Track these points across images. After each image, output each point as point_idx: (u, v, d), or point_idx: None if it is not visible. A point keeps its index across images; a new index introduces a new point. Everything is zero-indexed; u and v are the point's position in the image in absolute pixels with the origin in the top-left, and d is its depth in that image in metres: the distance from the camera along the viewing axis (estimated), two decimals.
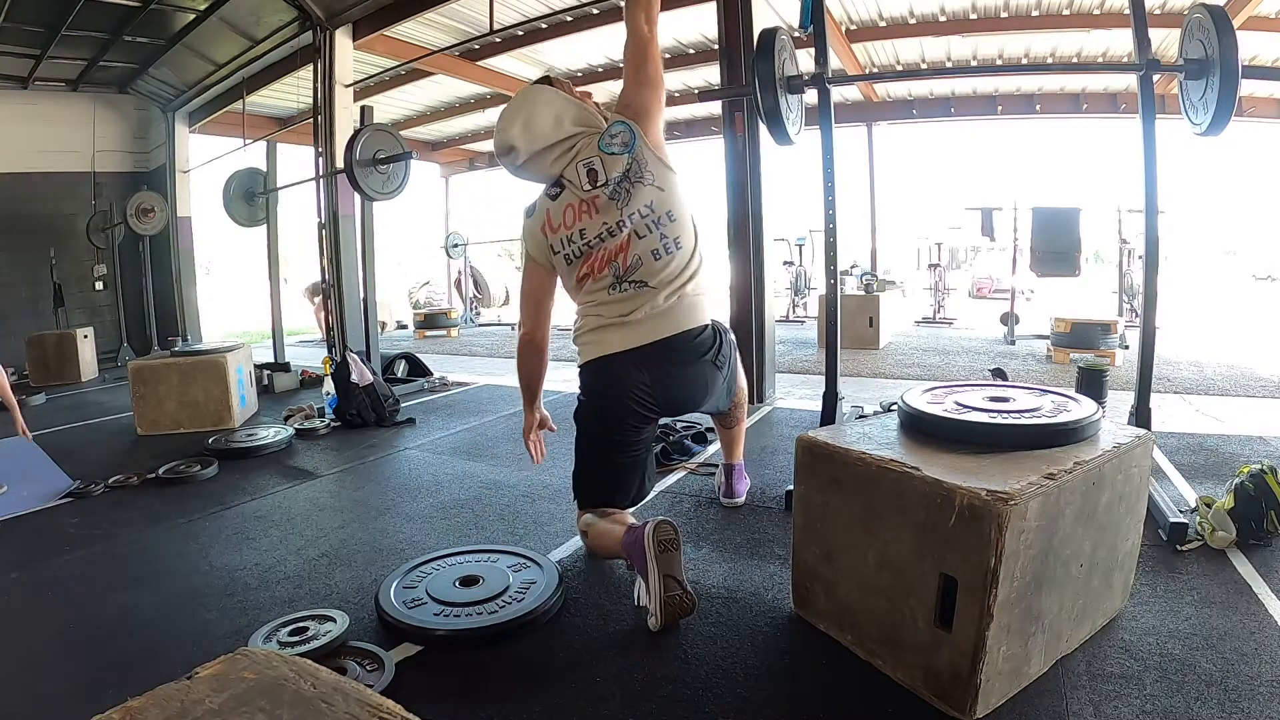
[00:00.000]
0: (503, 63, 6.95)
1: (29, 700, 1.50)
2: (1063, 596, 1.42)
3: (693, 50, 6.93)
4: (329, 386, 4.14)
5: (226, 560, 2.19)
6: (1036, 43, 6.54)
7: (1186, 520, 2.08)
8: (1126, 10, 3.05)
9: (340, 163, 4.76)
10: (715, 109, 7.36)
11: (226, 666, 0.82)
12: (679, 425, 3.27)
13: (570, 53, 6.91)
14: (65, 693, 1.51)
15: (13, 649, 1.72)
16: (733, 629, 1.68)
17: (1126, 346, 5.98)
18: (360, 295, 5.37)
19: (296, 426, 3.85)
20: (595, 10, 5.36)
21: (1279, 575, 1.84)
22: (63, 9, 5.22)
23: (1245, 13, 4.86)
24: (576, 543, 2.17)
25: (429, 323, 9.72)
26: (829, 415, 2.64)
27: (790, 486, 2.12)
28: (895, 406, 1.76)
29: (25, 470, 3.26)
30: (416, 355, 5.76)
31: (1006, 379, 4.02)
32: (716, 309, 2.02)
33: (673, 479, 2.82)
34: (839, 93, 6.03)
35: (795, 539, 1.70)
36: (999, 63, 7.01)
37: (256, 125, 7.62)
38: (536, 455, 2.16)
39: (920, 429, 1.62)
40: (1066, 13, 5.80)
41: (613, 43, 5.99)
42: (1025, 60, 6.93)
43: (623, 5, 1.91)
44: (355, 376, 4.00)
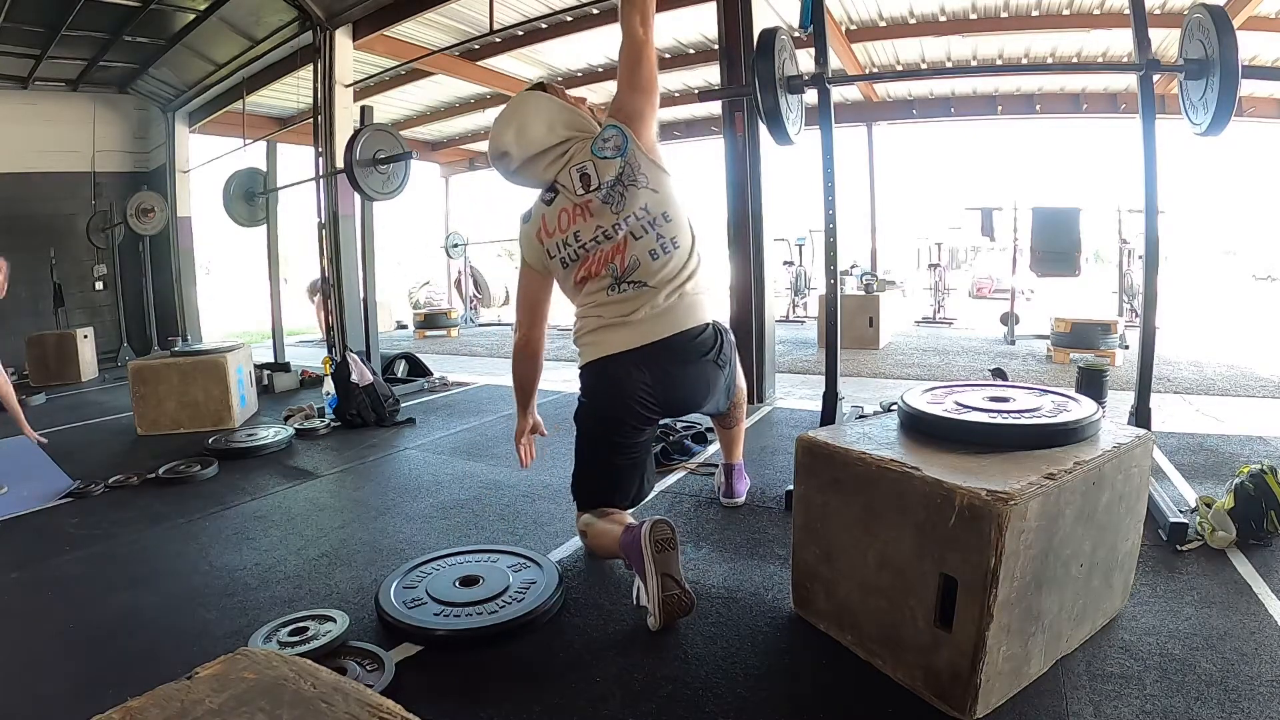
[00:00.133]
0: (503, 63, 6.96)
1: (29, 700, 1.50)
2: (1063, 596, 1.42)
3: (693, 50, 6.93)
4: (329, 386, 4.14)
5: (226, 560, 2.19)
6: (1036, 43, 6.54)
7: (1186, 520, 2.08)
8: (1126, 10, 3.05)
9: (340, 163, 4.76)
10: (715, 109, 7.37)
11: (226, 666, 0.82)
12: (679, 425, 3.27)
13: (570, 53, 6.91)
14: (65, 693, 1.51)
15: (13, 649, 1.72)
16: (733, 629, 1.68)
17: (1126, 346, 5.98)
18: (360, 295, 5.37)
19: (296, 426, 3.85)
20: (595, 10, 5.35)
21: (1279, 575, 1.84)
22: (63, 9, 5.22)
23: (1245, 13, 4.86)
24: (576, 543, 2.17)
25: (429, 323, 9.73)
26: (829, 415, 2.64)
27: (790, 486, 2.12)
28: (895, 406, 1.76)
29: (25, 470, 3.26)
30: (416, 355, 5.76)
31: (1006, 379, 4.01)
32: (716, 309, 2.02)
33: (673, 479, 2.82)
34: (839, 93, 6.03)
35: (795, 539, 1.70)
36: (999, 63, 7.01)
37: (256, 125, 7.62)
38: (525, 459, 2.17)
39: (920, 429, 1.62)
40: (1066, 13, 5.80)
41: (613, 43, 5.97)
42: (1025, 60, 6.93)
43: (619, 9, 1.91)
44: (355, 376, 4.00)
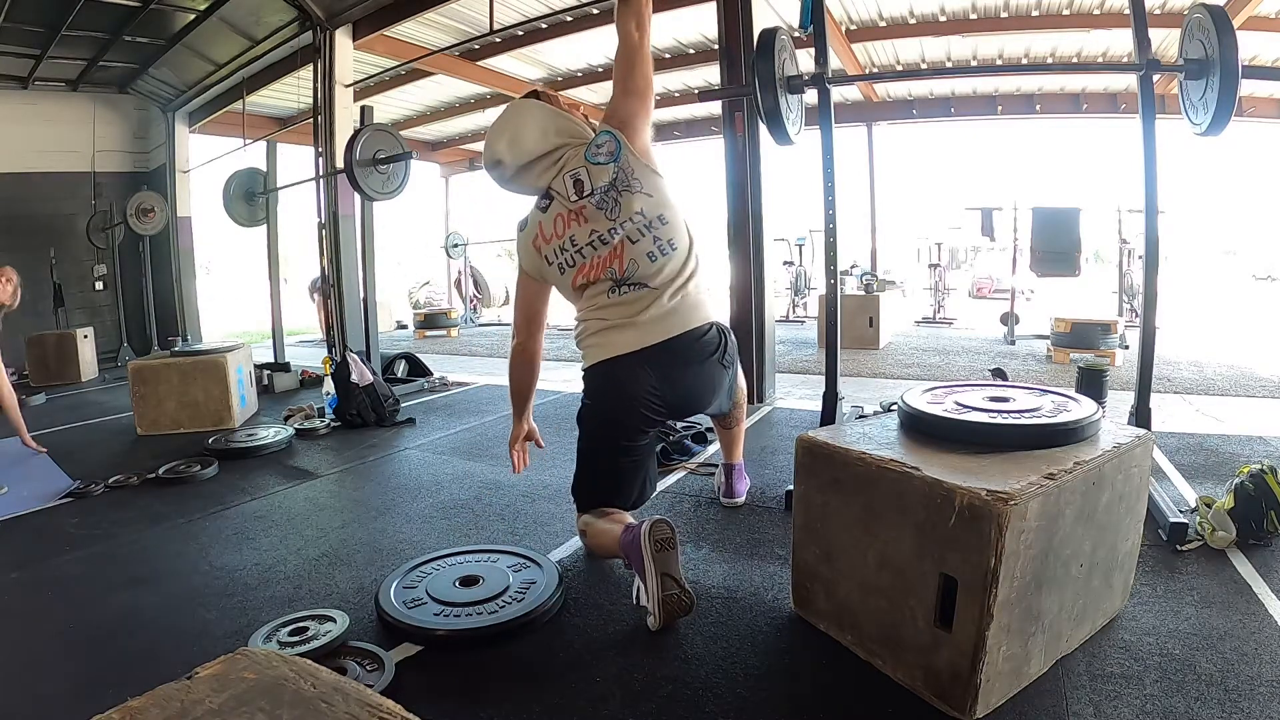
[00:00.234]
0: (503, 63, 6.96)
1: (29, 700, 1.50)
2: (1063, 596, 1.42)
3: (693, 50, 6.93)
4: (329, 386, 4.14)
5: (226, 560, 2.19)
6: (1036, 43, 6.54)
7: (1186, 520, 2.08)
8: (1126, 10, 3.05)
9: (340, 163, 4.76)
10: (715, 109, 7.36)
11: (226, 666, 0.82)
12: (679, 425, 3.27)
13: (570, 53, 6.91)
14: (65, 693, 1.51)
15: (13, 649, 1.72)
16: (733, 629, 1.68)
17: (1126, 346, 5.98)
18: (360, 295, 5.37)
19: (296, 426, 3.85)
20: (595, 10, 5.35)
21: (1279, 575, 1.84)
22: (63, 9, 5.22)
23: (1245, 13, 4.86)
24: (576, 543, 2.17)
25: (429, 323, 9.73)
26: (829, 415, 2.64)
27: (790, 486, 2.12)
28: (895, 406, 1.75)
29: (25, 470, 3.26)
30: (416, 355, 5.76)
31: (1006, 379, 4.01)
32: (717, 310, 2.02)
33: (673, 479, 2.82)
34: (839, 93, 6.03)
35: (795, 539, 1.70)
36: (999, 63, 7.01)
37: (256, 125, 7.62)
38: (519, 464, 2.17)
39: (920, 429, 1.62)
40: (1066, 13, 5.80)
41: (613, 43, 5.97)
42: (1025, 60, 6.93)
43: (614, 12, 1.92)
44: (355, 376, 4.00)
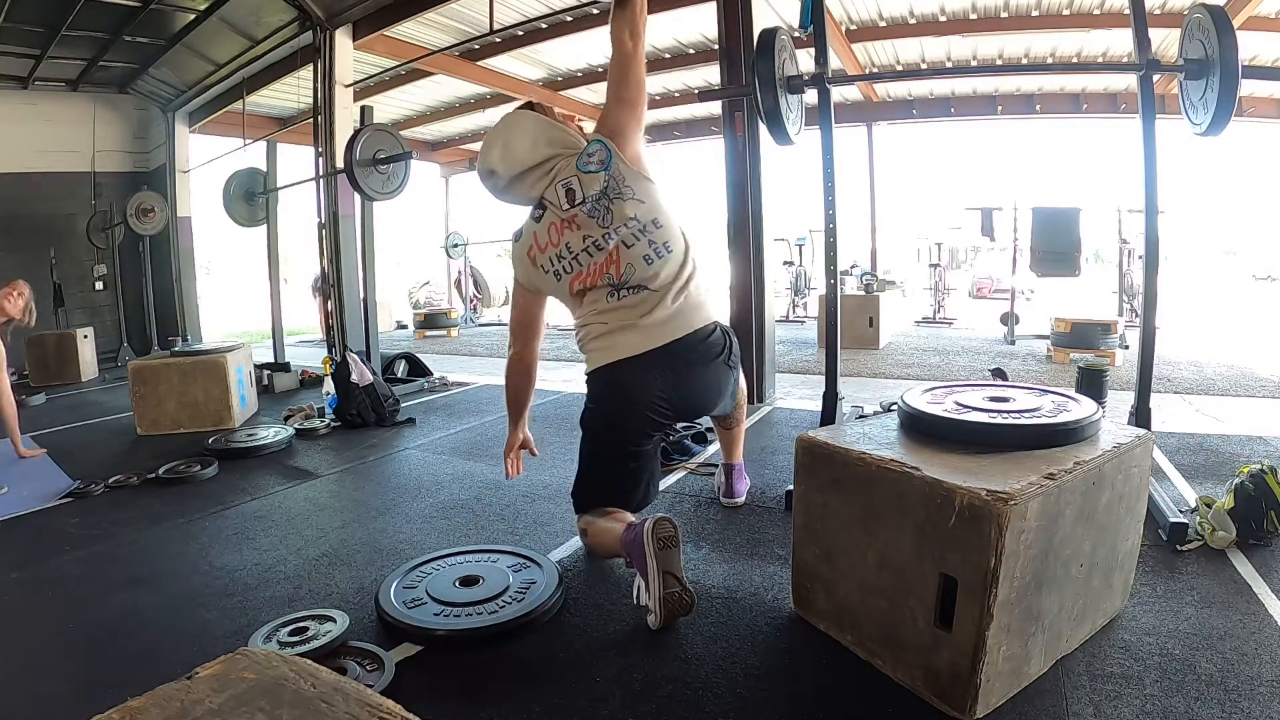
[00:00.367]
0: (503, 63, 6.96)
1: (29, 700, 1.50)
2: (1063, 596, 1.42)
3: (693, 50, 6.93)
4: (329, 386, 4.14)
5: (226, 560, 2.19)
6: (1036, 43, 6.54)
7: (1186, 520, 2.08)
8: (1126, 10, 3.05)
9: (340, 163, 4.76)
10: (715, 109, 7.36)
11: (226, 666, 0.82)
12: (679, 425, 3.27)
13: (570, 53, 6.91)
14: (65, 693, 1.51)
15: (13, 649, 1.72)
16: (733, 629, 1.68)
17: (1126, 346, 5.98)
18: (360, 295, 5.37)
19: (296, 426, 3.85)
20: (595, 10, 5.34)
21: (1279, 575, 1.84)
22: (63, 9, 5.22)
23: (1245, 13, 4.86)
24: (576, 543, 2.17)
25: (429, 323, 9.73)
26: (829, 415, 2.64)
27: (790, 486, 2.12)
28: (895, 406, 1.76)
29: (25, 470, 3.26)
30: (416, 355, 5.76)
31: (1006, 379, 4.01)
32: (718, 310, 2.02)
33: (673, 479, 2.82)
34: (839, 93, 6.03)
35: (795, 539, 1.70)
36: (999, 63, 7.01)
37: (256, 125, 7.62)
38: (512, 471, 2.17)
39: (920, 429, 1.62)
40: (1066, 13, 5.80)
41: None
42: (1025, 60, 6.93)
43: (609, 22, 1.92)
44: (355, 376, 4.00)
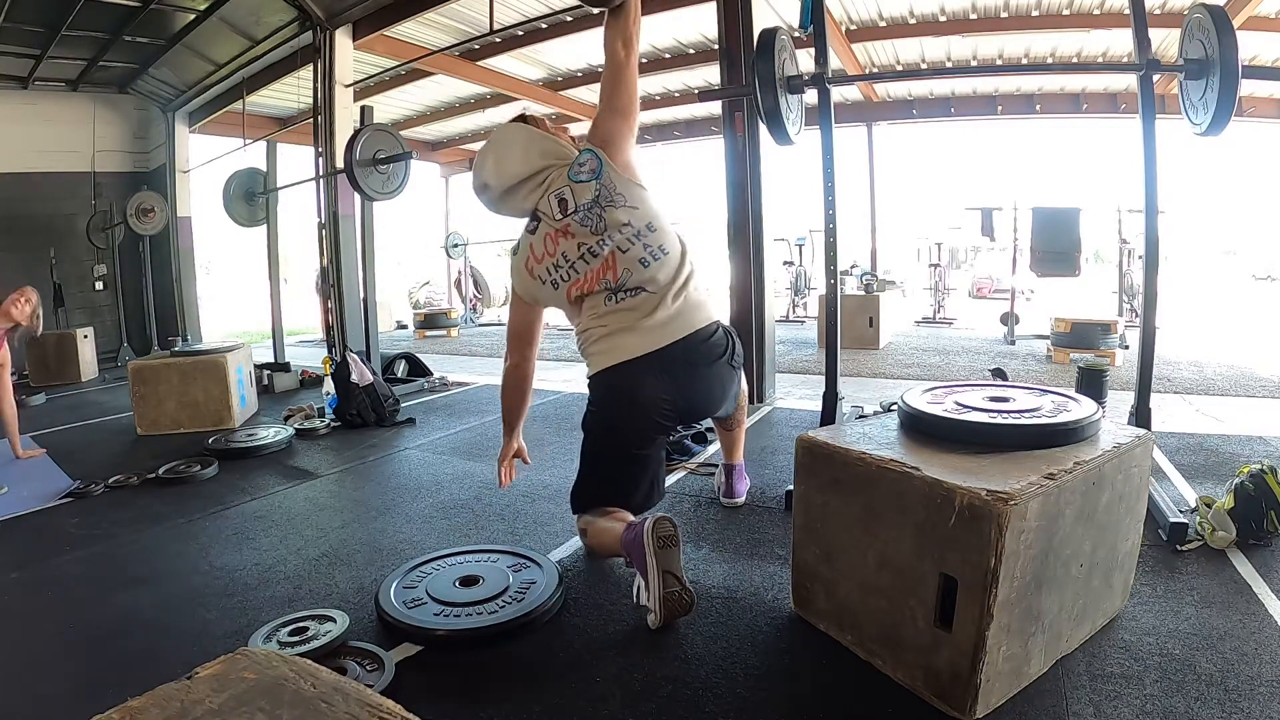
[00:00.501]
0: (503, 63, 6.95)
1: (29, 700, 1.50)
2: (1063, 596, 1.42)
3: (693, 50, 6.93)
4: (329, 386, 4.14)
5: (226, 560, 2.19)
6: (1036, 43, 6.54)
7: (1186, 520, 2.08)
8: (1126, 10, 3.05)
9: (340, 163, 4.76)
10: (715, 109, 7.36)
11: (226, 666, 0.82)
12: (679, 426, 3.27)
13: (570, 53, 6.91)
14: (65, 693, 1.51)
15: (13, 649, 1.72)
16: (733, 629, 1.68)
17: (1126, 346, 5.98)
18: (360, 295, 5.37)
19: (296, 426, 3.85)
20: (595, 10, 5.35)
21: (1279, 575, 1.84)
22: (63, 9, 5.22)
23: (1245, 13, 4.86)
24: (576, 543, 2.17)
25: (429, 323, 9.74)
26: (829, 415, 2.64)
27: (790, 486, 2.12)
28: (895, 406, 1.76)
29: (25, 470, 3.26)
30: (416, 355, 5.76)
31: (1006, 379, 4.01)
32: (718, 310, 2.02)
33: (673, 479, 2.82)
34: (839, 93, 6.02)
35: (795, 539, 1.70)
36: (999, 63, 7.01)
37: (256, 125, 7.62)
38: (505, 480, 2.17)
39: (920, 429, 1.62)
40: (1066, 13, 5.80)
41: None
42: (1025, 60, 6.93)
43: (604, 30, 1.93)
44: (355, 376, 4.00)
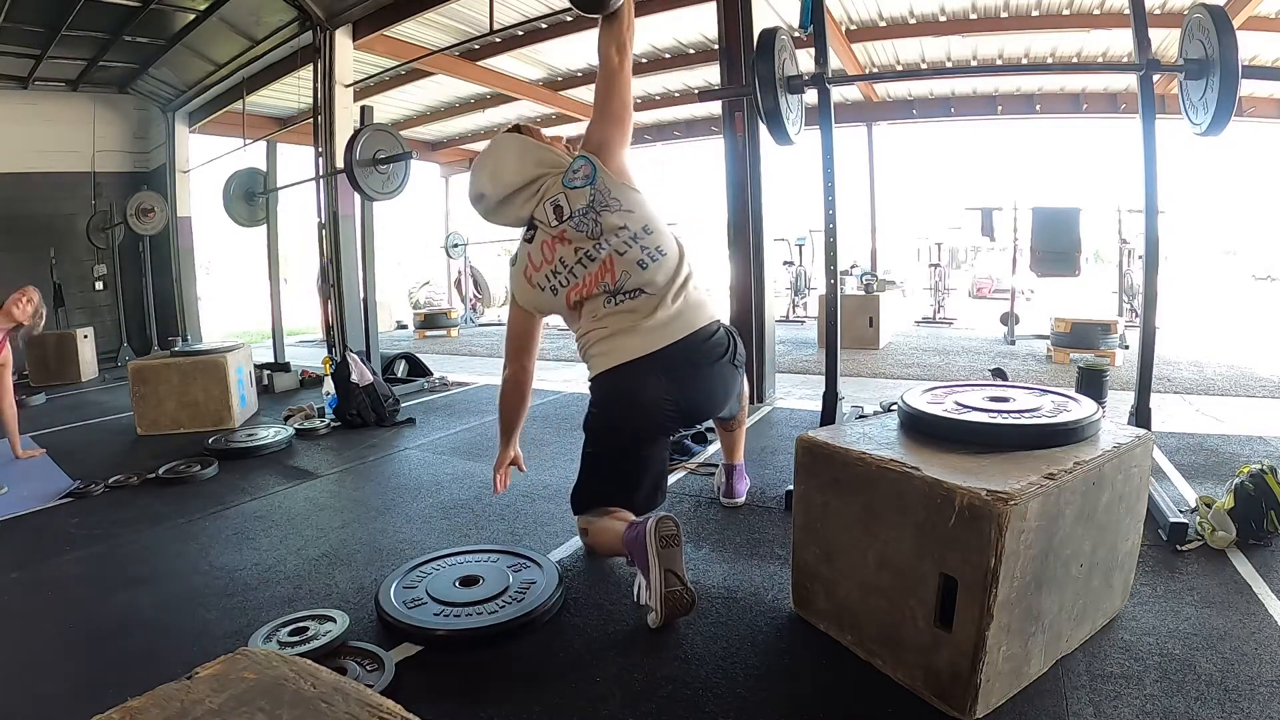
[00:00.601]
0: (503, 63, 6.96)
1: (29, 700, 1.50)
2: (1063, 596, 1.42)
3: (693, 50, 6.93)
4: (329, 386, 4.14)
5: (226, 560, 2.19)
6: (1036, 43, 6.54)
7: (1186, 520, 2.08)
8: (1126, 10, 3.05)
9: (340, 163, 4.77)
10: (715, 109, 7.35)
11: (226, 666, 0.82)
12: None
13: (570, 53, 6.90)
14: (65, 693, 1.51)
15: (13, 649, 1.72)
16: (733, 629, 1.68)
17: (1126, 346, 5.98)
18: (360, 295, 5.37)
19: (296, 426, 3.85)
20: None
21: (1279, 575, 1.84)
22: (63, 9, 5.22)
23: (1245, 13, 4.86)
24: (576, 543, 2.17)
25: (429, 323, 9.74)
26: (829, 415, 2.64)
27: (790, 486, 2.12)
28: (895, 406, 1.75)
29: (25, 470, 3.26)
30: (416, 355, 5.76)
31: (1006, 379, 4.01)
32: (719, 310, 2.01)
33: (673, 479, 2.81)
34: (839, 93, 6.02)
35: (795, 539, 1.70)
36: (999, 63, 7.01)
37: (256, 125, 7.62)
38: (500, 486, 2.16)
39: (920, 429, 1.62)
40: (1066, 13, 5.80)
41: None
42: (1025, 60, 6.93)
43: (598, 37, 1.93)
44: (355, 376, 4.00)
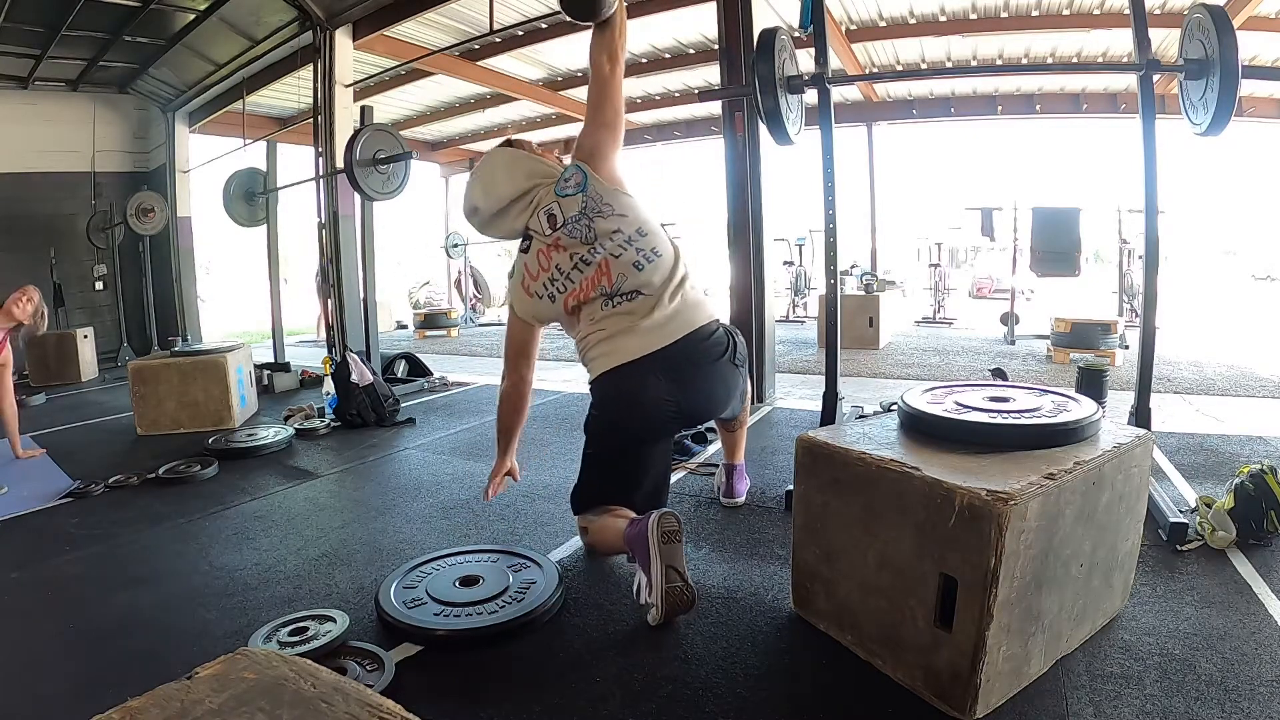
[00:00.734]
0: (503, 63, 6.96)
1: (29, 700, 1.50)
2: (1063, 596, 1.42)
3: (693, 50, 6.93)
4: (329, 386, 4.14)
5: (226, 560, 2.19)
6: (1036, 43, 6.54)
7: (1186, 520, 2.08)
8: (1126, 10, 3.05)
9: (340, 163, 4.76)
10: (715, 109, 7.35)
11: (226, 666, 0.82)
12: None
13: (570, 53, 6.90)
14: (65, 693, 1.51)
15: (13, 649, 1.72)
16: (733, 629, 1.68)
17: (1126, 346, 5.98)
18: (360, 295, 5.37)
19: (296, 426, 3.85)
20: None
21: (1279, 575, 1.84)
22: (63, 9, 5.22)
23: (1245, 13, 4.86)
24: (576, 543, 2.17)
25: (429, 323, 9.74)
26: (829, 415, 2.64)
27: (790, 486, 2.12)
28: (895, 406, 1.75)
29: (25, 470, 3.26)
30: (416, 355, 5.76)
31: (1006, 379, 4.01)
32: (717, 309, 2.01)
33: (673, 479, 2.81)
34: (839, 93, 6.02)
35: (795, 539, 1.70)
36: (999, 63, 7.01)
37: (256, 125, 7.62)
38: (491, 493, 2.13)
39: (920, 429, 1.62)
40: (1066, 13, 5.80)
41: None
42: (1025, 60, 6.93)
43: (590, 45, 1.94)
44: (355, 376, 4.00)
